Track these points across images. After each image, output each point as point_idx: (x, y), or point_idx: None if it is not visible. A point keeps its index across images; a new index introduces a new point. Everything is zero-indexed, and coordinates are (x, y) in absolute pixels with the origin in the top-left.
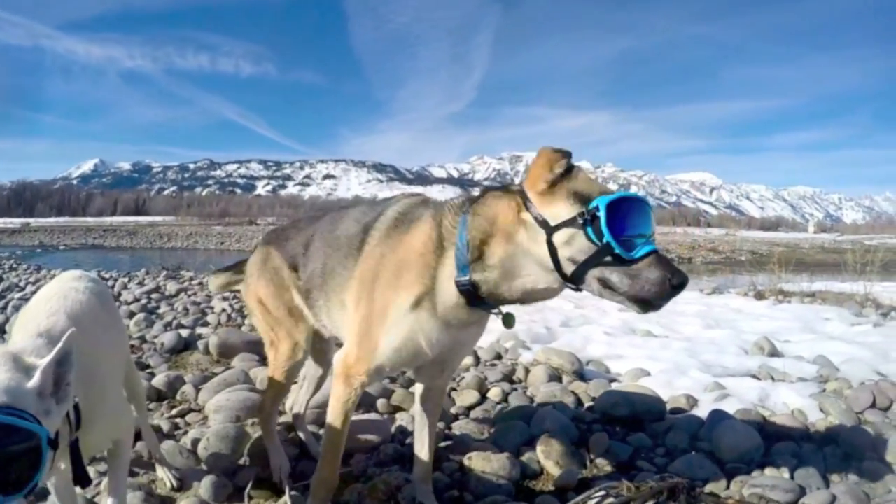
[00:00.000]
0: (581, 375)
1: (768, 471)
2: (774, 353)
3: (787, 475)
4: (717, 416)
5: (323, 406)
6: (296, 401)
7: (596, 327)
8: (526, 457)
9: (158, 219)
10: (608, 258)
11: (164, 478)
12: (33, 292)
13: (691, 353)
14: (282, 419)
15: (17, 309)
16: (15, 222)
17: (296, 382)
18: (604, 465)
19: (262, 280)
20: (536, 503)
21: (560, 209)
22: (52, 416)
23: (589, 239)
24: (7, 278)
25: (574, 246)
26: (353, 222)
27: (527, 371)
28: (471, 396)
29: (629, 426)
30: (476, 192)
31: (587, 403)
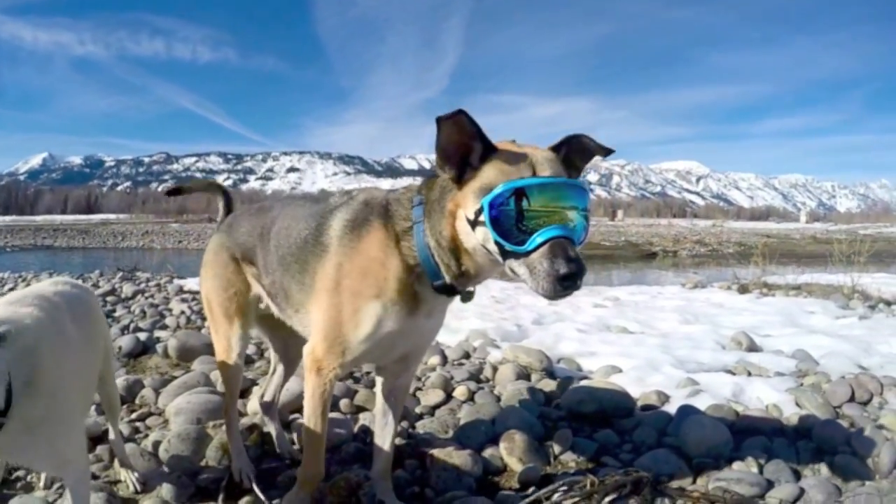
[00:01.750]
0: (550, 373)
1: (736, 465)
2: (753, 348)
3: (755, 470)
4: (686, 411)
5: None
6: (266, 389)
7: (569, 324)
8: (489, 453)
9: (112, 216)
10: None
11: (127, 480)
12: None
13: (666, 350)
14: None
15: None
16: None
17: (257, 382)
18: (568, 462)
19: (208, 272)
20: (498, 499)
21: (470, 206)
22: None
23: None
24: None
25: (489, 241)
26: (296, 237)
27: (494, 370)
28: (436, 396)
29: (596, 423)
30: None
31: (556, 401)
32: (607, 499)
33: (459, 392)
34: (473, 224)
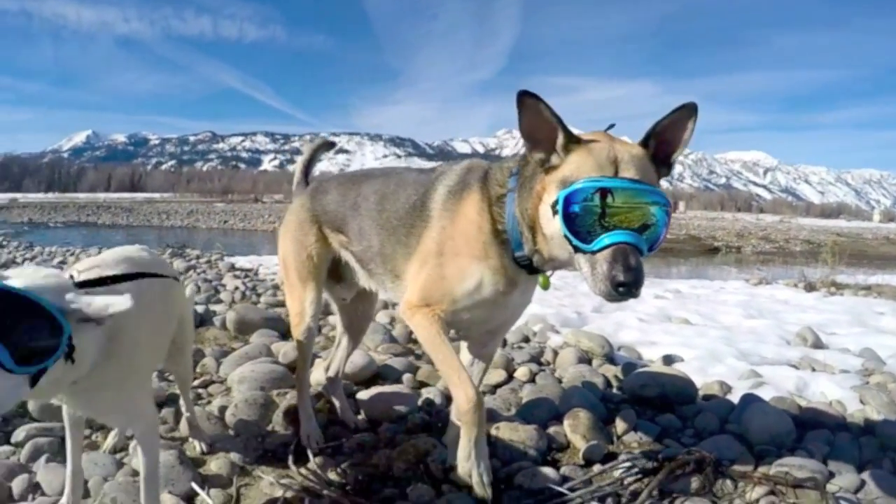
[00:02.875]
0: (611, 359)
1: (798, 455)
2: (818, 345)
3: (817, 460)
4: (749, 399)
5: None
6: (331, 363)
7: (630, 314)
8: (552, 430)
9: (156, 195)
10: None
11: (194, 442)
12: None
13: (728, 342)
14: (313, 383)
15: None
16: (1, 198)
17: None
18: (630, 442)
19: (287, 236)
20: (563, 473)
21: (552, 195)
22: (79, 331)
23: None
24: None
25: (562, 230)
26: (404, 203)
27: (555, 353)
28: (497, 375)
29: (658, 408)
30: (513, 154)
31: (616, 386)
32: (669, 476)
33: (521, 373)
34: (553, 212)
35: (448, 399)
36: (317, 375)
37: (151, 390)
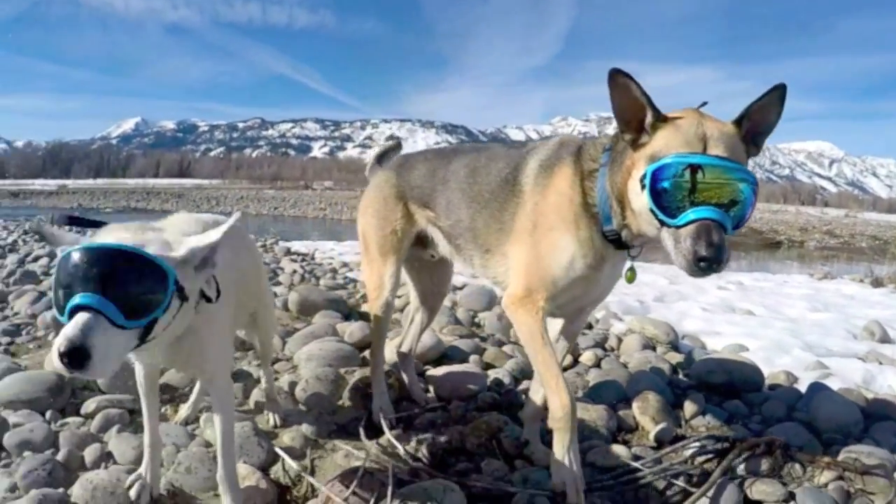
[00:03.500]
0: (675, 347)
1: (865, 444)
2: (885, 340)
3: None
4: (816, 387)
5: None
6: (403, 339)
7: (692, 303)
8: (621, 413)
9: (205, 182)
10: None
11: (268, 415)
12: None
13: (794, 334)
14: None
15: None
16: (51, 184)
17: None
18: (698, 426)
19: (368, 209)
20: (633, 452)
21: (641, 170)
22: (187, 278)
23: None
24: None
25: (649, 204)
26: (496, 176)
27: (619, 340)
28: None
29: (724, 394)
30: (607, 131)
31: (682, 372)
32: (739, 457)
33: (586, 357)
34: (642, 187)
35: (516, 380)
36: (385, 354)
37: (231, 351)
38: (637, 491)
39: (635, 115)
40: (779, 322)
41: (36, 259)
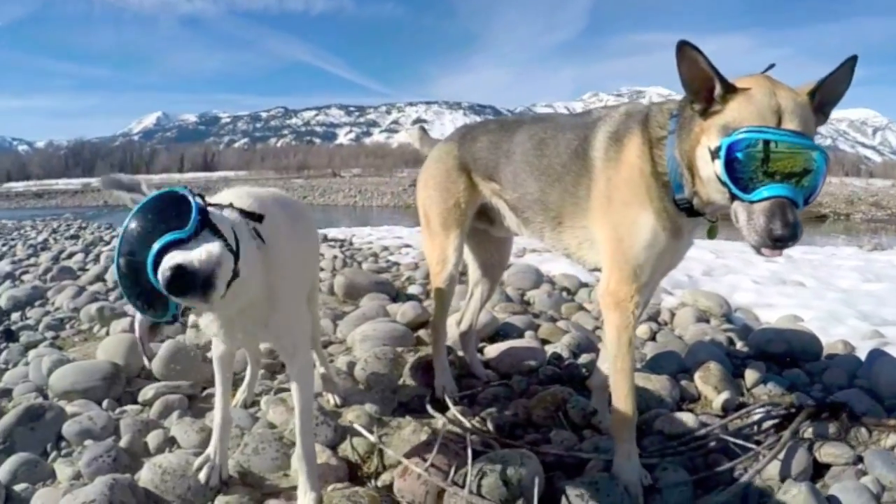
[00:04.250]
0: (729, 319)
1: None
2: None
3: None
4: (877, 353)
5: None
6: (463, 314)
7: (742, 276)
8: (682, 383)
9: (231, 174)
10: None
11: (328, 396)
12: None
13: (848, 304)
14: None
15: (111, 259)
16: (74, 183)
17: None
18: (760, 395)
19: (430, 182)
20: (700, 420)
21: (712, 140)
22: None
23: None
24: (83, 235)
25: (722, 177)
26: (566, 149)
27: (672, 314)
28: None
29: (784, 364)
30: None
31: (739, 343)
32: (806, 422)
33: (641, 331)
34: (712, 156)
35: (574, 354)
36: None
37: (310, 325)
38: (707, 456)
39: (704, 85)
40: (831, 293)
41: (70, 256)
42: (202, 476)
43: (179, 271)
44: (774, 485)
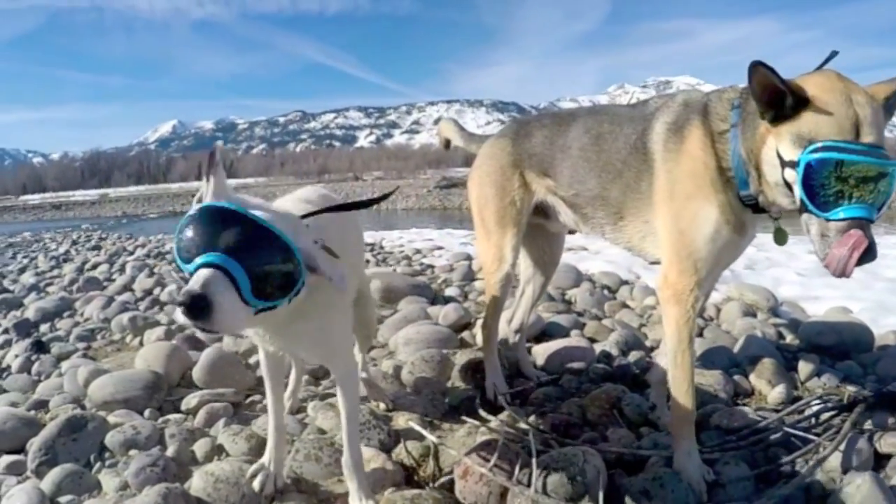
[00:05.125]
0: (776, 313)
1: None
2: None
3: None
4: None
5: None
6: (514, 313)
7: (786, 269)
8: (735, 378)
9: (250, 180)
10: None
11: (378, 400)
12: (144, 255)
13: None
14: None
15: (137, 269)
16: (91, 194)
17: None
18: (814, 388)
19: (484, 179)
20: (757, 414)
21: (785, 148)
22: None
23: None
24: (104, 246)
25: (794, 185)
26: (624, 143)
27: (718, 309)
28: (662, 330)
29: (835, 356)
30: (732, 88)
31: (788, 337)
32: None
33: None
34: (782, 163)
35: (623, 352)
36: (480, 336)
37: (350, 330)
38: (766, 450)
39: (775, 97)
40: (879, 283)
41: (95, 266)
42: (256, 484)
43: (181, 299)
44: (836, 476)
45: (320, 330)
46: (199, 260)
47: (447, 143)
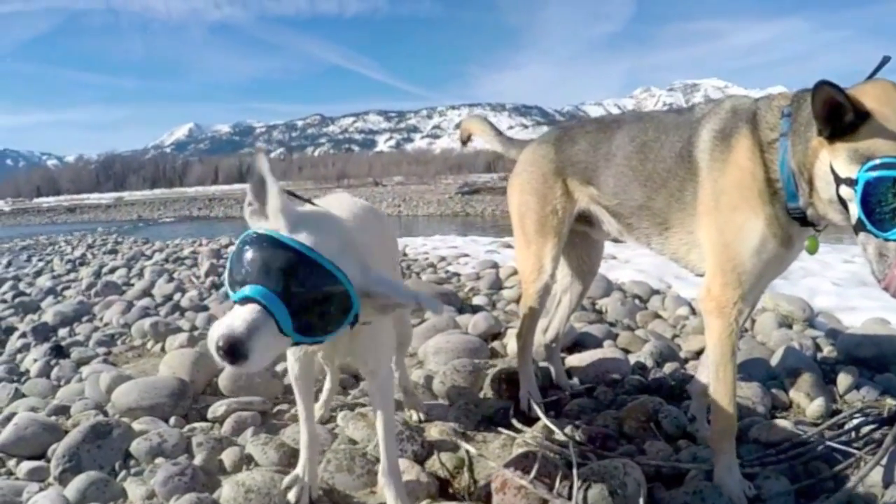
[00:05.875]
0: (812, 324)
1: None
2: None
3: None
4: None
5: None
6: (549, 323)
7: (821, 279)
8: (773, 391)
9: None
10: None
11: (411, 411)
12: (163, 259)
13: None
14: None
15: (156, 274)
16: (107, 197)
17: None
18: (853, 401)
19: (525, 187)
20: (797, 427)
21: (840, 165)
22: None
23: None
24: (120, 250)
25: (851, 203)
26: (670, 151)
27: (752, 320)
28: (697, 342)
29: (874, 368)
30: (782, 95)
31: (826, 349)
32: None
33: None
34: (837, 179)
35: (658, 363)
36: (512, 345)
37: (394, 337)
38: (807, 464)
39: (835, 114)
40: None
41: (112, 271)
42: (292, 496)
43: (221, 343)
44: (878, 491)
45: (372, 339)
46: (240, 292)
47: (468, 140)
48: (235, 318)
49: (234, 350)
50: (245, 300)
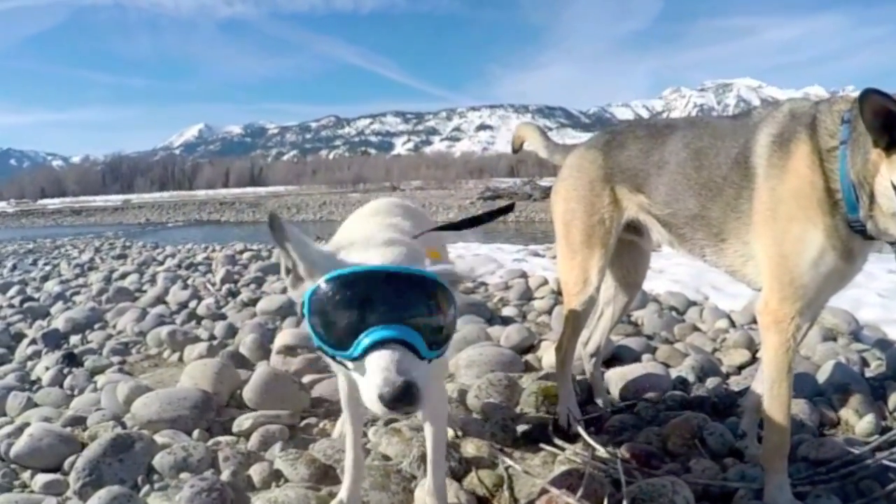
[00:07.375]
0: (857, 338)
1: None
2: None
3: None
4: None
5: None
6: (591, 335)
7: (865, 290)
8: (820, 408)
9: (281, 188)
10: None
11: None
12: (175, 265)
13: None
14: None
15: (170, 280)
16: (114, 199)
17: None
18: None
19: (570, 194)
20: (846, 445)
21: None
22: None
23: None
24: (130, 254)
25: None
26: (726, 158)
27: None
28: (740, 356)
29: None
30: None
31: (873, 363)
32: None
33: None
34: None
35: (699, 378)
36: (548, 359)
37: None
38: (858, 483)
39: (889, 122)
40: None
41: (124, 276)
42: None
43: (390, 396)
44: None
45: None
46: (367, 340)
47: (520, 147)
48: (383, 369)
49: (410, 397)
50: (378, 344)
